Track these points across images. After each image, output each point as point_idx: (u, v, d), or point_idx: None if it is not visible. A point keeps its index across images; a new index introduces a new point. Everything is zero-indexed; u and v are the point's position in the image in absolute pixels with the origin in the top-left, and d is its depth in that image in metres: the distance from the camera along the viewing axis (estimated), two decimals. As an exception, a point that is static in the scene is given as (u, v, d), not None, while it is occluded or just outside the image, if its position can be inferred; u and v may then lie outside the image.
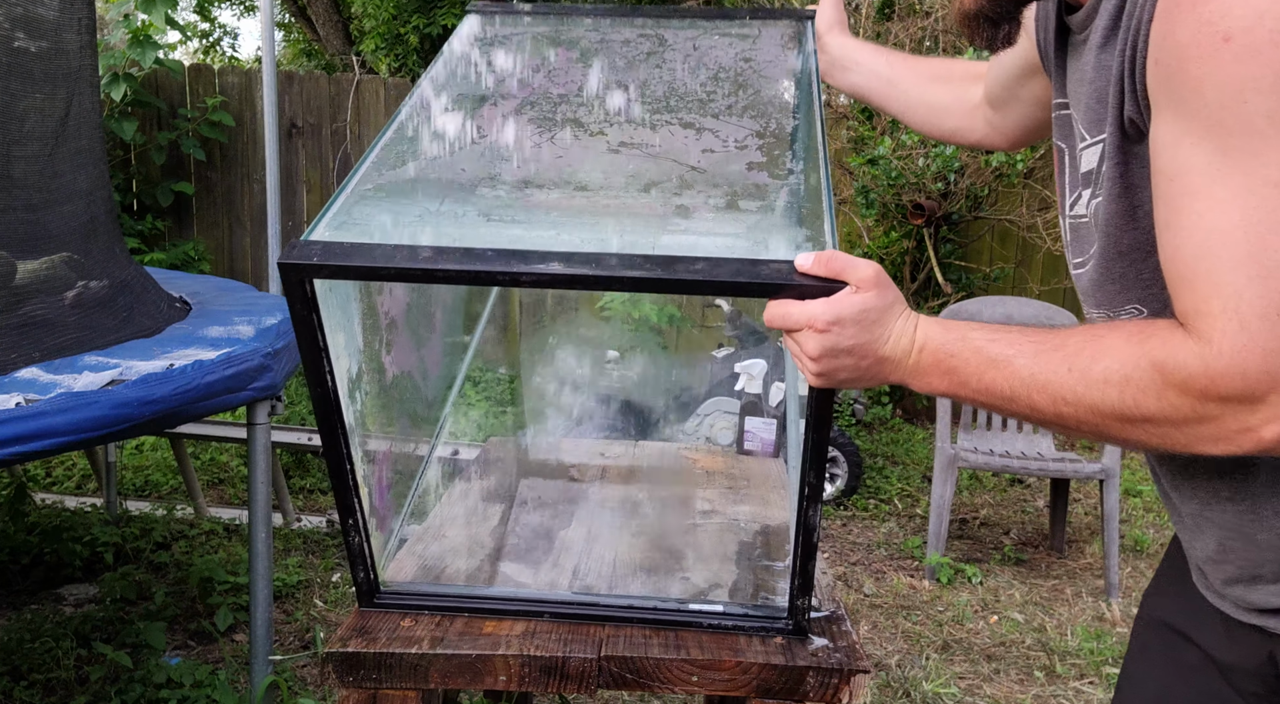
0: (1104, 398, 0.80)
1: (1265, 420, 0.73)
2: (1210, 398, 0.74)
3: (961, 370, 0.88)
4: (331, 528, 3.74)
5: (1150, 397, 0.77)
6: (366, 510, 1.21)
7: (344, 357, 1.11)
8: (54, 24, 2.22)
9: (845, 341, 0.88)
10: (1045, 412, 0.84)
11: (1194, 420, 0.76)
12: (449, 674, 1.10)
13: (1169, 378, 0.76)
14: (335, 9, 7.91)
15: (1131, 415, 0.79)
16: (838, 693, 1.09)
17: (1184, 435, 0.78)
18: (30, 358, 1.97)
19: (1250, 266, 0.71)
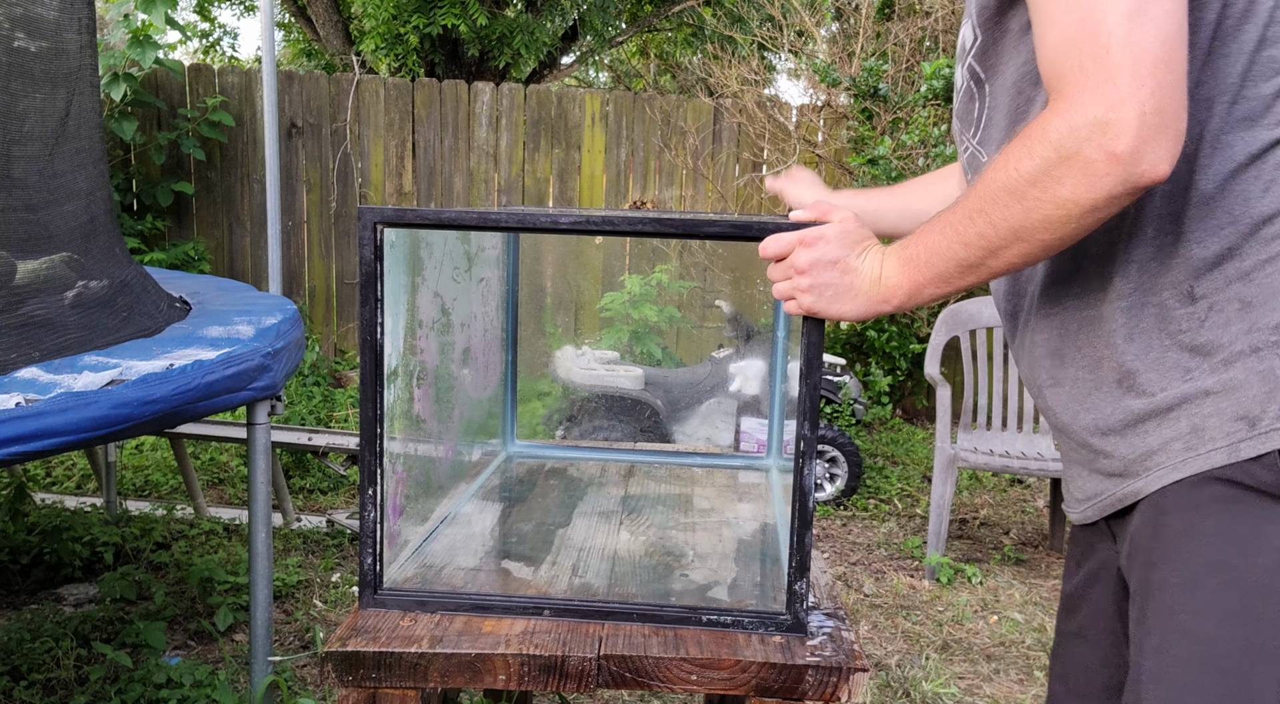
0: (995, 184, 0.88)
1: (1116, 136, 0.79)
2: (1065, 126, 0.82)
3: (916, 255, 0.98)
4: (331, 528, 3.74)
5: (1024, 157, 0.85)
6: (389, 488, 1.21)
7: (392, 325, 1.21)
8: (54, 24, 2.22)
9: (829, 253, 1.03)
10: (973, 241, 0.91)
11: (1061, 159, 0.82)
12: (448, 673, 1.10)
13: (1031, 133, 0.85)
14: (335, 9, 7.91)
15: (1016, 184, 0.86)
16: (836, 692, 1.09)
17: (1064, 188, 0.83)
18: (30, 358, 1.97)
19: (1071, 13, 0.82)
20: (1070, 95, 0.82)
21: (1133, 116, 0.79)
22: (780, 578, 1.29)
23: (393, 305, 1.20)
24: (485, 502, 1.63)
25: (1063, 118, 0.82)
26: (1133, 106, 0.79)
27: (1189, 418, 0.91)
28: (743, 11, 8.27)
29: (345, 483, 4.27)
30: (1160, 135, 0.79)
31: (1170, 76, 0.79)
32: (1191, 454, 0.90)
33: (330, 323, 5.93)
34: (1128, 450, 0.96)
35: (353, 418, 5.00)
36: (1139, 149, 0.79)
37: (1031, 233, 0.87)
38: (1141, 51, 0.78)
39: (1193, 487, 0.90)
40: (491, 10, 6.90)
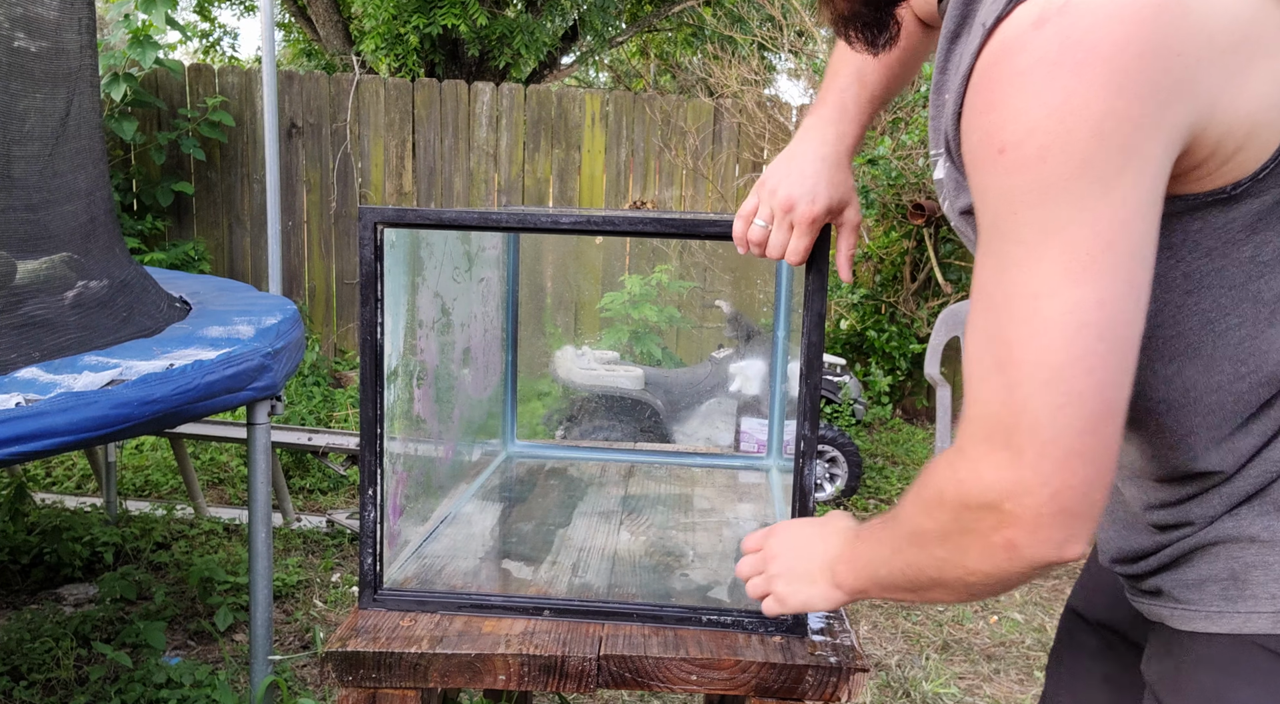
0: (907, 527, 0.83)
1: (1013, 529, 0.72)
2: (960, 499, 0.75)
3: (858, 559, 0.94)
4: (331, 528, 3.74)
5: (925, 517, 0.80)
6: (389, 488, 1.21)
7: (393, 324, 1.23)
8: (54, 24, 2.23)
9: (773, 549, 1.04)
10: (899, 574, 0.86)
11: (960, 532, 0.76)
12: (448, 673, 1.10)
13: (929, 491, 0.79)
14: (335, 9, 7.91)
15: (923, 540, 0.81)
16: (836, 692, 1.09)
17: (970, 560, 0.76)
18: (30, 358, 1.97)
19: (994, 362, 0.71)
20: (973, 457, 0.73)
21: (1029, 516, 0.70)
22: None
23: (393, 305, 1.21)
24: (485, 501, 1.63)
25: (961, 486, 0.74)
26: (1030, 506, 0.70)
27: (1228, 560, 0.81)
28: (743, 11, 8.27)
29: (345, 483, 4.27)
30: (1065, 533, 0.71)
31: (1085, 472, 0.70)
32: (1229, 607, 0.81)
33: (330, 323, 5.93)
34: (1163, 572, 0.88)
35: (353, 418, 5.00)
36: (1040, 548, 0.72)
37: (952, 585, 0.81)
38: (1054, 442, 0.69)
39: (1233, 646, 0.81)
40: (491, 10, 6.90)
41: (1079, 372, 0.68)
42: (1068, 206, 0.67)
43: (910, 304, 5.30)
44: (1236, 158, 0.71)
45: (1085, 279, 0.67)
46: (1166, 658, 0.87)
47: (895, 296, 5.33)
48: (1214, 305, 0.77)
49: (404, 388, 1.30)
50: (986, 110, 0.70)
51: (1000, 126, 0.69)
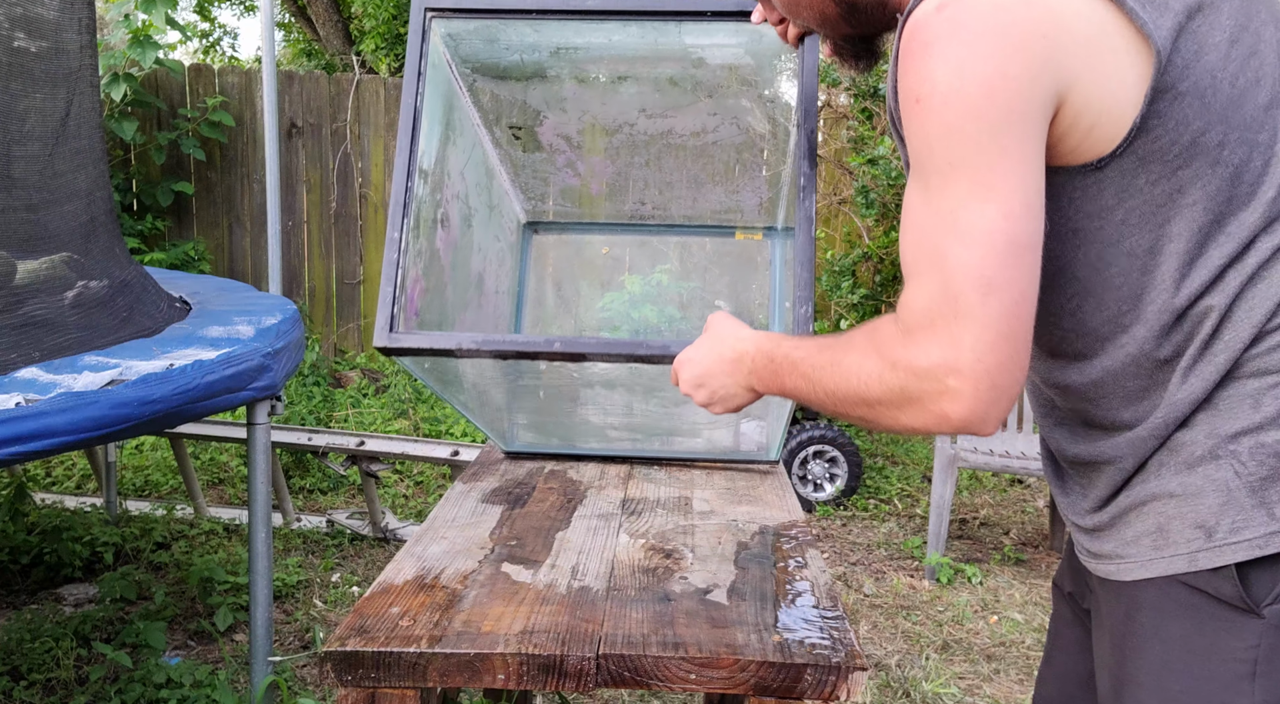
0: (848, 383, 0.98)
1: (951, 402, 0.87)
2: (911, 373, 0.90)
3: (779, 372, 1.11)
4: (331, 528, 3.74)
5: (874, 381, 0.94)
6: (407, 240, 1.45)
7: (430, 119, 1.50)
8: (54, 24, 2.23)
9: (689, 368, 1.27)
10: (825, 405, 1.03)
11: (904, 399, 0.91)
12: (448, 673, 1.10)
13: (884, 359, 0.93)
14: (335, 9, 7.91)
15: (864, 398, 0.96)
16: (836, 691, 1.09)
17: (904, 417, 0.93)
18: (30, 358, 1.97)
19: (929, 263, 0.89)
20: (920, 340, 0.89)
21: (968, 391, 0.86)
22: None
23: (427, 131, 1.45)
24: (485, 502, 1.63)
25: (910, 363, 0.90)
26: (969, 382, 0.86)
27: (1155, 516, 0.97)
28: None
29: (345, 483, 4.27)
30: (993, 407, 0.87)
31: (1010, 350, 0.86)
32: (1157, 554, 0.96)
33: (330, 323, 5.94)
34: (1111, 535, 1.02)
35: (353, 418, 5.00)
36: (969, 418, 0.87)
37: (873, 423, 0.99)
38: (986, 327, 0.85)
39: (1163, 587, 0.95)
40: (491, 10, 6.91)
41: (997, 268, 0.85)
42: (969, 144, 0.86)
43: (910, 304, 5.30)
44: (1094, 134, 0.89)
45: (990, 199, 0.85)
46: (1116, 605, 1.02)
47: (895, 297, 5.33)
48: (1098, 256, 0.95)
49: (428, 219, 1.51)
50: (904, 75, 0.90)
51: (915, 84, 0.88)
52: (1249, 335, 0.91)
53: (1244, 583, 0.90)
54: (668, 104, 1.87)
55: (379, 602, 1.22)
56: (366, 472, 3.52)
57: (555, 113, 1.92)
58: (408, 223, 1.46)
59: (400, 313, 1.44)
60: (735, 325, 1.24)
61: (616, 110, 1.91)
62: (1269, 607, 0.89)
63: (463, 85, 1.77)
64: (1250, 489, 0.91)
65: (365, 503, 3.77)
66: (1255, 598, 0.90)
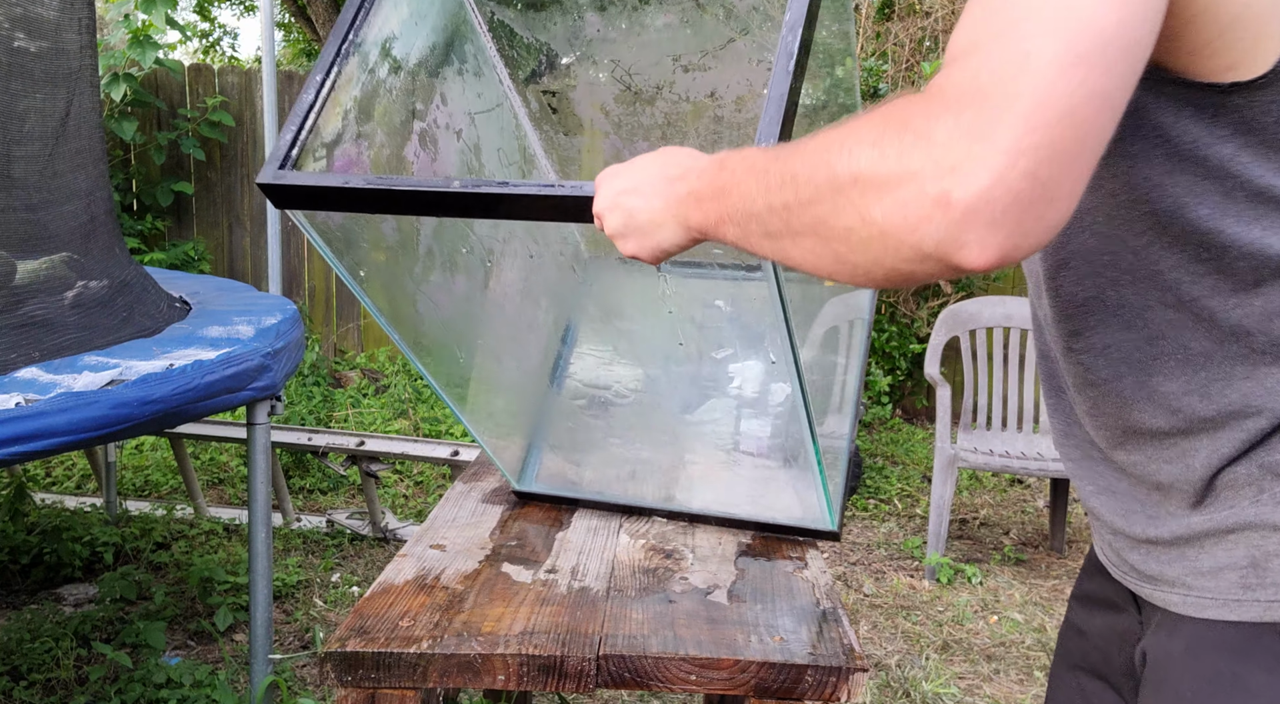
0: (820, 161, 0.68)
1: (959, 175, 0.60)
2: (923, 134, 0.63)
3: (730, 178, 0.81)
4: (331, 528, 3.74)
5: (866, 144, 0.65)
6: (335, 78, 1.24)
7: None
8: (54, 24, 2.23)
9: (614, 180, 0.95)
10: (774, 209, 0.73)
11: (898, 171, 0.63)
12: (447, 673, 1.10)
13: (890, 118, 0.65)
14: (335, 9, 7.92)
15: (838, 177, 0.66)
16: (836, 691, 1.09)
17: (877, 208, 0.64)
18: (30, 358, 1.97)
19: (992, 35, 0.63)
20: (952, 99, 0.63)
21: (991, 170, 0.60)
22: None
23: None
24: (485, 503, 1.62)
25: (931, 122, 0.63)
26: (1000, 158, 0.59)
27: (1249, 547, 0.81)
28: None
29: (345, 483, 4.27)
30: (1022, 206, 0.61)
31: (1072, 139, 0.61)
32: (1248, 596, 0.80)
33: (330, 323, 5.93)
34: (1173, 558, 0.87)
35: (353, 418, 5.00)
36: (971, 213, 0.60)
37: (833, 221, 0.68)
38: (1053, 101, 0.60)
39: (1249, 630, 0.80)
40: (491, 10, 6.91)
41: (1088, 52, 0.61)
42: None
43: (910, 304, 5.31)
44: (1224, 38, 0.70)
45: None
46: (1174, 638, 0.85)
47: (895, 296, 5.33)
48: (1188, 190, 0.77)
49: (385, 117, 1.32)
50: None
51: None
52: None
53: None
54: (701, 41, 1.59)
55: (379, 602, 1.22)
56: (366, 472, 3.52)
57: (584, 66, 1.68)
58: (336, 73, 1.22)
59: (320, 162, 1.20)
60: (694, 152, 0.93)
61: (648, 58, 1.66)
62: None
63: (480, 18, 1.61)
64: None
65: (365, 503, 3.77)
66: None
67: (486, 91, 1.64)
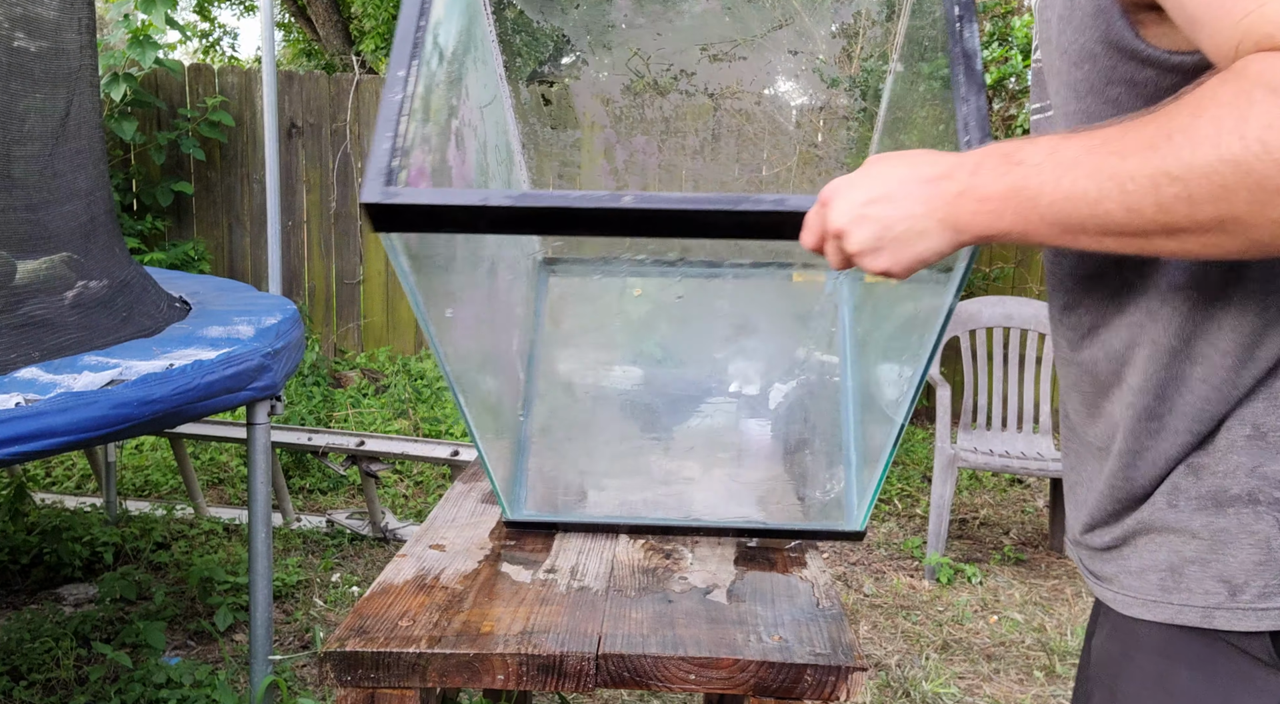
0: (1221, 150, 0.62)
1: None
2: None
3: (1031, 173, 0.72)
4: (331, 528, 3.74)
5: (1263, 126, 0.61)
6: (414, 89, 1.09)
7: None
8: (54, 24, 2.23)
9: (852, 191, 0.83)
10: (1145, 205, 0.66)
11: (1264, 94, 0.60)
12: (447, 673, 1.10)
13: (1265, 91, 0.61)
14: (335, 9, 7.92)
15: (1259, 160, 0.61)
16: (835, 691, 1.09)
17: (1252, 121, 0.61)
18: (30, 358, 1.97)
19: None
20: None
21: None
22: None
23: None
24: (485, 503, 1.62)
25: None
26: None
27: (1169, 552, 0.83)
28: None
29: (345, 483, 4.27)
30: None
31: None
32: (1165, 598, 0.83)
33: (330, 323, 5.93)
34: (1111, 556, 0.91)
35: (353, 418, 5.00)
36: None
37: (1248, 225, 0.64)
38: None
39: (1171, 630, 0.83)
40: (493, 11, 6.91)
41: None
42: None
43: (910, 304, 5.30)
44: None
45: None
46: (1114, 641, 0.90)
47: (895, 296, 5.33)
48: None
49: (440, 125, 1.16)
50: None
51: None
52: None
53: (1273, 638, 0.79)
54: (737, 30, 1.44)
55: (379, 602, 1.22)
56: (366, 472, 3.52)
57: (598, 52, 1.52)
58: (418, 66, 1.06)
59: (402, 173, 1.01)
60: (940, 152, 0.82)
61: (675, 43, 1.51)
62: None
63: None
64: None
65: (365, 503, 3.77)
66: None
67: (488, 81, 1.51)
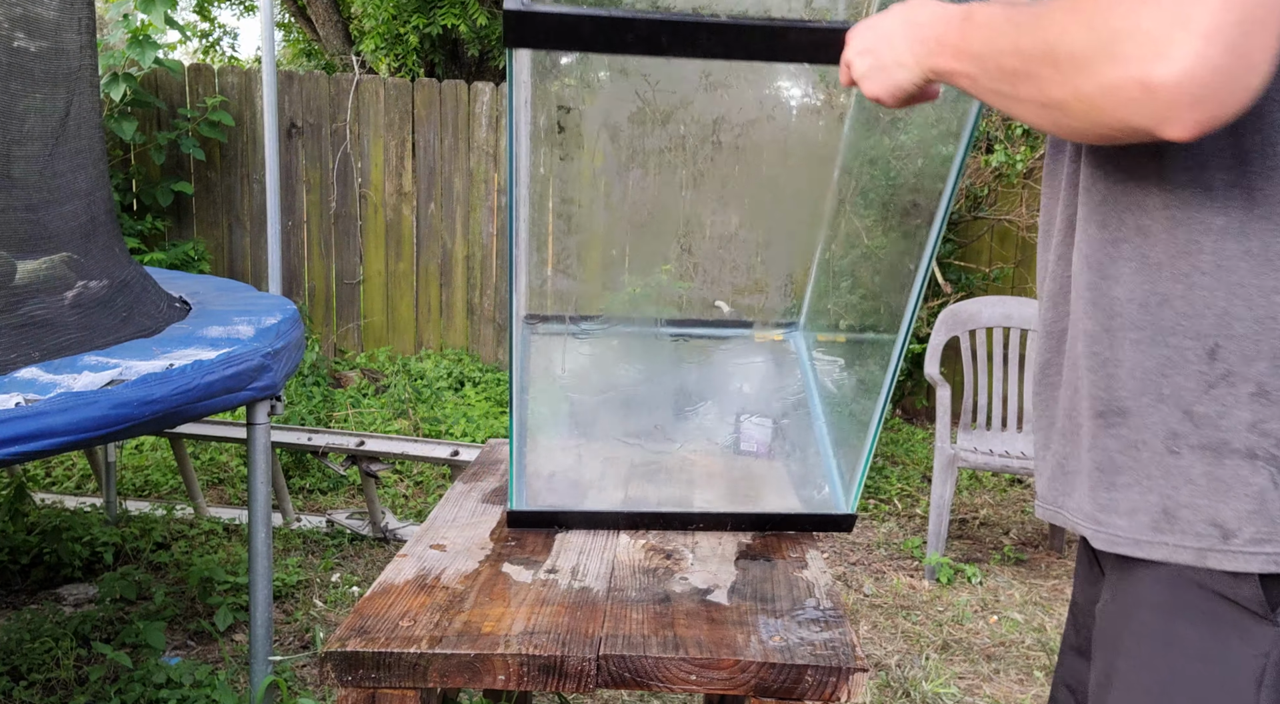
0: (1042, 37, 0.75)
1: (1161, 59, 0.66)
2: (1127, 19, 0.68)
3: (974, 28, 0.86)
4: (331, 528, 3.74)
5: (1083, 26, 0.71)
6: None
7: None
8: (54, 24, 2.23)
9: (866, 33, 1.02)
10: (1002, 66, 0.80)
11: (1105, 55, 0.69)
12: (448, 674, 1.10)
13: (1097, 11, 0.71)
14: (335, 9, 7.92)
15: (1056, 53, 0.73)
16: (836, 692, 1.10)
17: (1097, 76, 0.70)
18: (30, 358, 1.97)
19: None
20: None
21: (1197, 49, 0.65)
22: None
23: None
24: (485, 503, 1.63)
25: (1138, 9, 0.67)
26: (1201, 41, 0.65)
27: (1163, 498, 0.87)
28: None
29: (345, 483, 4.27)
30: (1223, 80, 0.66)
31: (1265, 12, 0.65)
32: (1158, 538, 0.87)
33: (330, 323, 5.93)
34: (1087, 492, 0.93)
35: (353, 418, 5.00)
36: (1181, 90, 0.66)
37: (1047, 89, 0.76)
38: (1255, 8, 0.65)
39: (1174, 588, 0.87)
40: (491, 10, 6.90)
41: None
42: None
43: (910, 304, 5.30)
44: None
45: None
46: (1113, 602, 0.93)
47: (895, 296, 5.33)
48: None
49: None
50: None
51: None
52: None
53: (1265, 589, 0.83)
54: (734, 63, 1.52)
55: (379, 602, 1.22)
56: (366, 472, 3.52)
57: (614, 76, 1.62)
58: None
59: None
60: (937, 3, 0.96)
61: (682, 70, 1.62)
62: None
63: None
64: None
65: (365, 503, 3.77)
66: (1272, 603, 0.83)
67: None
